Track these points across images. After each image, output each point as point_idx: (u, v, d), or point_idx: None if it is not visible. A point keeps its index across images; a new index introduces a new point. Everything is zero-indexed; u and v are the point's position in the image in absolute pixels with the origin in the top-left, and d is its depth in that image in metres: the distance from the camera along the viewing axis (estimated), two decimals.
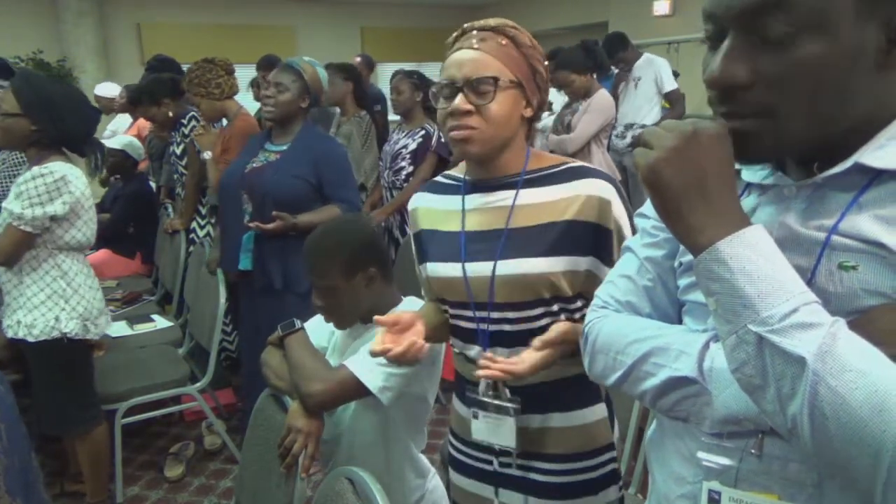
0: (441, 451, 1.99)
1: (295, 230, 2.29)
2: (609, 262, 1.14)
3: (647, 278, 0.85)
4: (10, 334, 2.13)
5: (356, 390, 1.37)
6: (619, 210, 1.15)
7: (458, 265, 1.20)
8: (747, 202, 0.75)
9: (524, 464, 1.24)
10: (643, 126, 4.46)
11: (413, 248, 1.36)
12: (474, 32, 1.15)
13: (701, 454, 0.74)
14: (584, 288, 1.17)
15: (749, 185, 0.76)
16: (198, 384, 2.66)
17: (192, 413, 3.05)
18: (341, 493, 1.20)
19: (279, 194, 2.32)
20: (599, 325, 0.87)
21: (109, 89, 5.05)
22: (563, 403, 1.22)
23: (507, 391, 1.20)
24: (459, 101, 1.11)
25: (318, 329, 1.56)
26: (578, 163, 1.20)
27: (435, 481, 1.59)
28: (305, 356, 1.45)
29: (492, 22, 1.16)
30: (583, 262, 1.15)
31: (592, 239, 1.14)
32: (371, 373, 1.35)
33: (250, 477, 1.58)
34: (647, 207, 0.93)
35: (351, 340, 1.52)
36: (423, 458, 1.58)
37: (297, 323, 1.52)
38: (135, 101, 3.53)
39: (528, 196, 1.18)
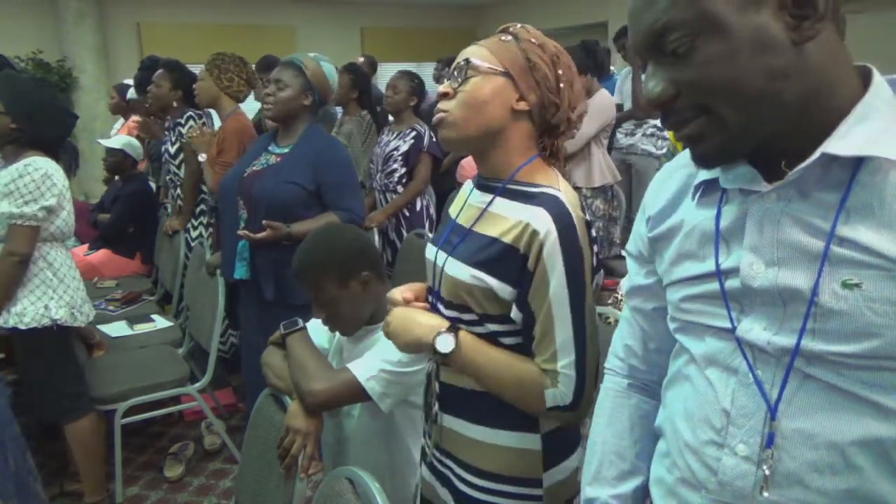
0: None
1: (289, 240, 2.14)
2: (522, 305, 1.08)
3: (638, 326, 0.96)
4: (0, 323, 2.18)
5: (356, 394, 1.37)
6: (550, 250, 1.04)
7: (435, 250, 1.22)
8: (730, 210, 0.74)
9: (446, 463, 1.23)
10: (654, 126, 4.40)
11: None
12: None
13: None
14: (506, 312, 1.12)
15: (726, 192, 0.75)
16: (197, 384, 2.66)
17: (191, 413, 3.05)
18: (341, 493, 1.20)
19: (272, 201, 2.18)
20: (595, 414, 1.01)
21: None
22: (482, 417, 1.17)
23: (436, 384, 1.21)
24: (441, 86, 1.14)
25: (320, 330, 1.55)
26: (552, 192, 1.10)
27: None
28: (307, 355, 1.45)
29: (507, 24, 1.17)
30: (507, 292, 1.09)
31: (519, 270, 1.08)
32: (373, 379, 1.35)
33: (250, 477, 1.58)
34: (630, 243, 0.93)
35: (355, 344, 1.52)
36: None
37: (300, 322, 1.52)
38: (151, 68, 3.52)
39: (500, 206, 1.14)
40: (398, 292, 1.21)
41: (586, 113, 1.24)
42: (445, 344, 1.10)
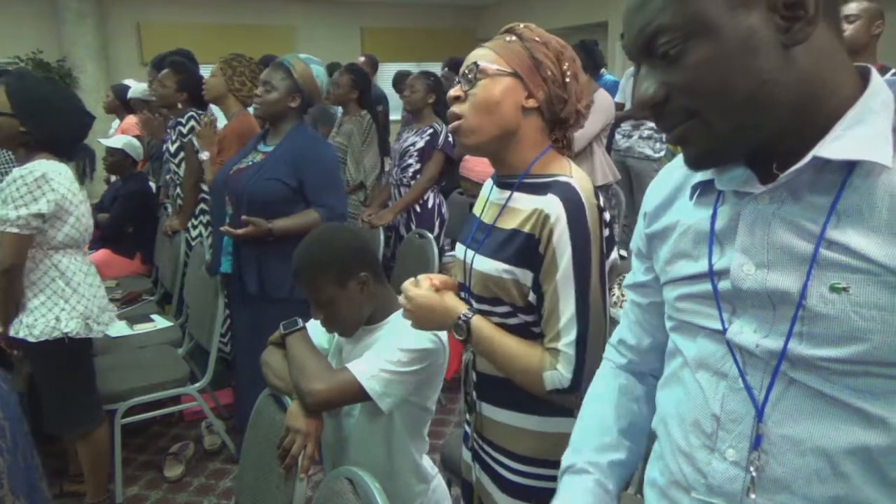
0: (441, 451, 1.99)
1: (271, 236, 2.21)
2: (536, 287, 1.13)
3: (634, 320, 0.96)
4: (11, 333, 2.12)
5: (356, 394, 1.37)
6: (559, 232, 1.09)
7: (463, 248, 1.27)
8: (725, 211, 0.74)
9: (486, 450, 1.28)
10: (651, 129, 4.40)
11: None
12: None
13: None
14: (537, 303, 1.16)
15: (722, 193, 0.75)
16: (197, 384, 2.66)
17: (191, 413, 3.05)
18: (341, 493, 1.20)
19: (254, 197, 2.24)
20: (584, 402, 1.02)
21: (143, 87, 4.56)
22: (518, 403, 1.21)
23: (473, 374, 1.27)
24: (453, 90, 1.17)
25: (320, 330, 1.55)
26: (564, 179, 1.15)
27: (437, 482, 1.58)
28: (307, 355, 1.45)
29: (510, 24, 1.20)
30: (529, 278, 1.14)
31: (534, 254, 1.13)
32: (373, 378, 1.35)
33: (250, 477, 1.57)
34: (633, 240, 0.94)
35: (355, 344, 1.52)
36: (427, 463, 1.57)
37: (299, 322, 1.52)
38: (158, 65, 3.51)
39: (516, 200, 1.19)
40: (425, 278, 1.23)
41: (593, 103, 1.28)
42: (459, 332, 1.17)
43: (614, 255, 1.19)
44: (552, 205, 1.11)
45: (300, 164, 2.26)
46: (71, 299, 2.17)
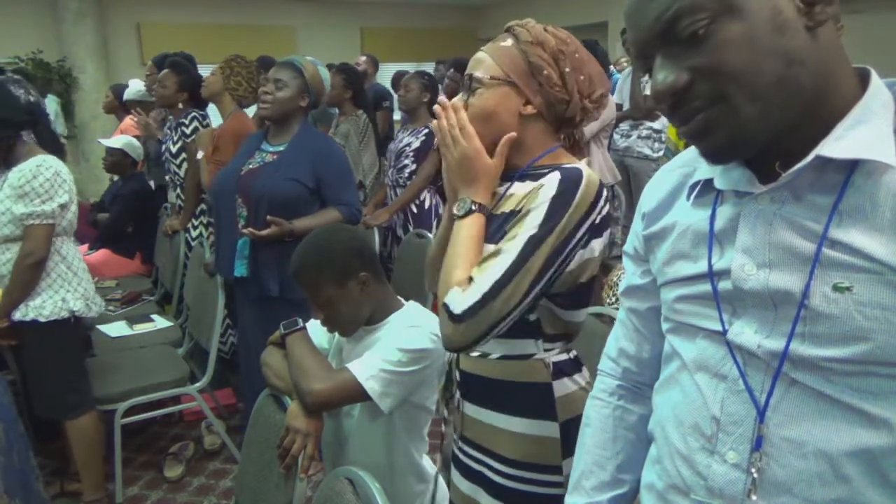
0: (442, 452, 1.99)
1: (292, 236, 2.18)
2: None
3: (633, 328, 0.94)
4: (18, 317, 2.18)
5: (356, 394, 1.37)
6: (542, 193, 1.08)
7: None
8: (725, 211, 0.73)
9: (467, 451, 1.26)
10: (650, 128, 4.39)
11: None
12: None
13: None
14: None
15: (721, 193, 0.75)
16: (197, 384, 2.65)
17: (191, 413, 3.05)
18: (341, 493, 1.20)
19: (274, 198, 2.22)
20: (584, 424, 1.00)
21: (137, 88, 4.48)
22: (500, 404, 1.19)
23: (457, 372, 1.25)
24: (456, 98, 1.18)
25: (320, 330, 1.55)
26: (570, 164, 1.15)
27: (437, 483, 1.58)
28: (307, 355, 1.45)
29: (510, 23, 1.19)
30: None
31: None
32: (372, 378, 1.35)
33: (250, 477, 1.58)
34: (627, 242, 0.93)
35: (355, 344, 1.52)
36: (427, 463, 1.57)
37: (300, 322, 1.52)
38: (159, 63, 3.55)
39: (517, 187, 1.18)
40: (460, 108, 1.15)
41: (608, 92, 1.22)
42: (461, 208, 1.14)
43: (600, 247, 1.15)
44: (549, 178, 1.10)
45: (317, 164, 2.26)
46: (72, 281, 2.29)
